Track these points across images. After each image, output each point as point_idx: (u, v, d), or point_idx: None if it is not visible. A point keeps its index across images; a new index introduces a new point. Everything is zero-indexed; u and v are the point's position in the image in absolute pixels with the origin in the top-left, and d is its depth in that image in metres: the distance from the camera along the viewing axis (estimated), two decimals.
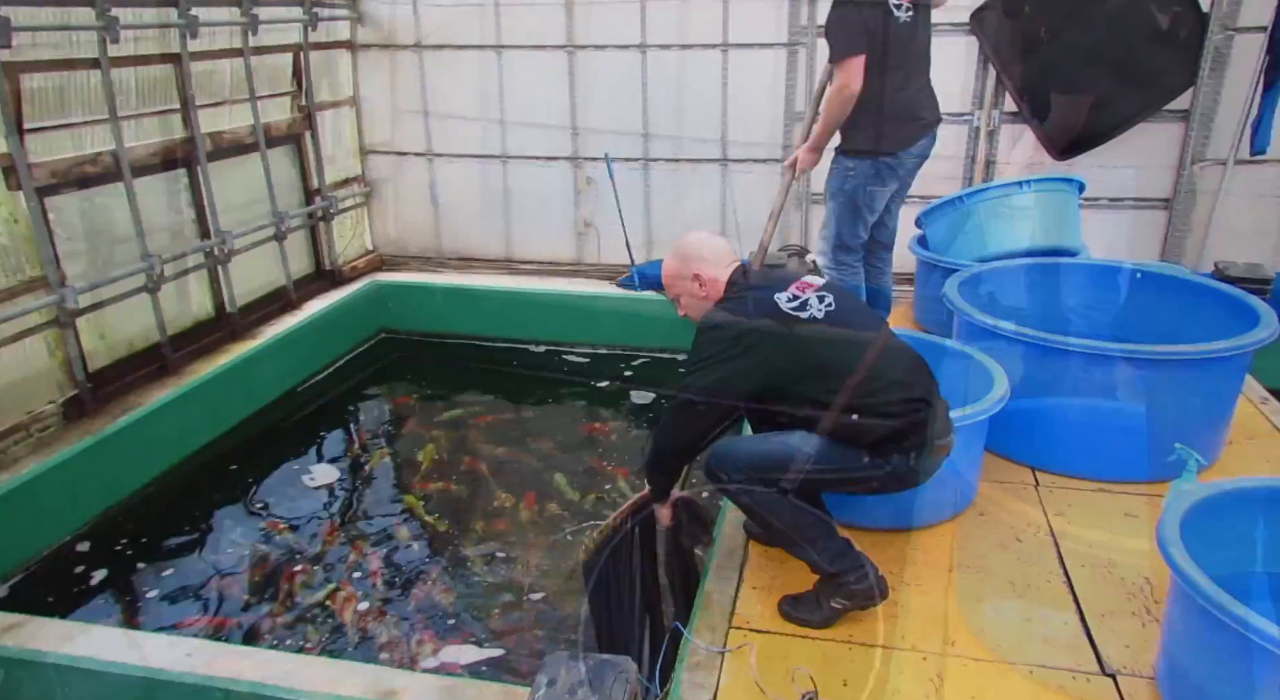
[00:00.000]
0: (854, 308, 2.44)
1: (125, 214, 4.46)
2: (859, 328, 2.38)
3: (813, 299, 2.34)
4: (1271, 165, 5.11)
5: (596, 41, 5.85)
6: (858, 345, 2.30)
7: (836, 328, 2.30)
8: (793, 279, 2.42)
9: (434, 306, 6.30)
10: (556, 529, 4.07)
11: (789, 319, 2.29)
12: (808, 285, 2.39)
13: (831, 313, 2.32)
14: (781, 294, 2.34)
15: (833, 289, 2.42)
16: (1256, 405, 3.70)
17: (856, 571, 2.38)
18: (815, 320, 2.29)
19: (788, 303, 2.32)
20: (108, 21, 4.09)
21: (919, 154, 3.81)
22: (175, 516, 4.20)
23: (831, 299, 2.35)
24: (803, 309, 2.31)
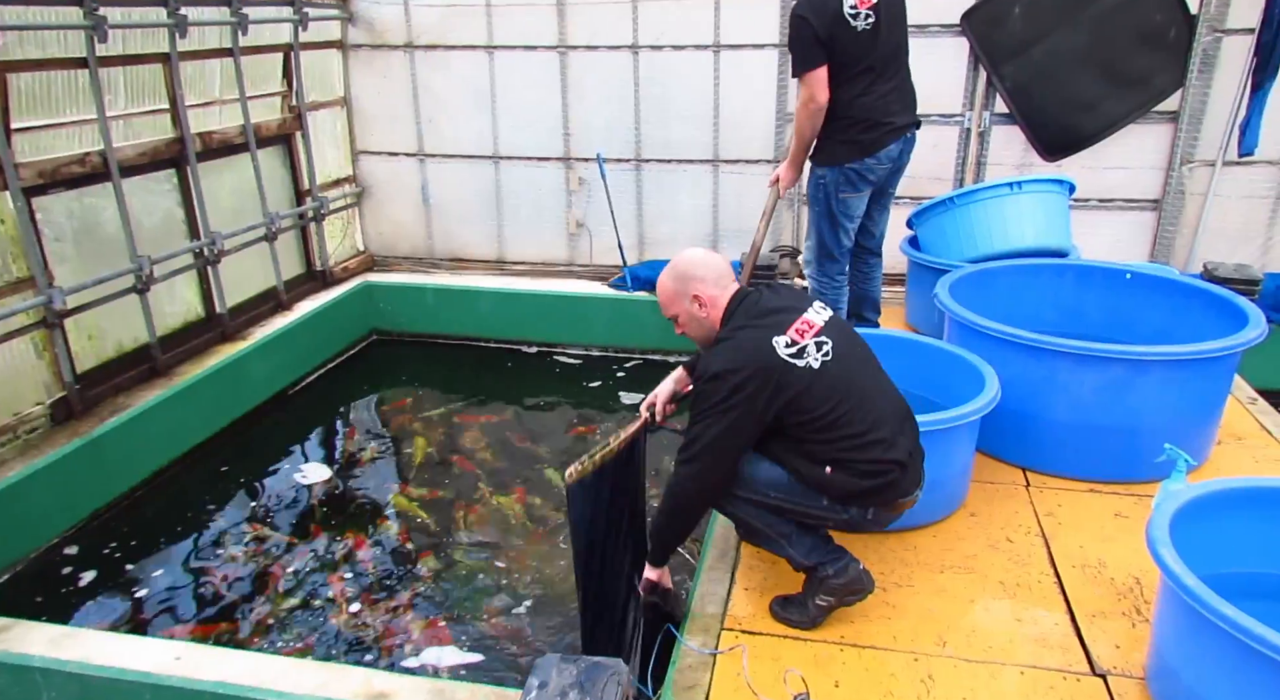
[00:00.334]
0: (851, 354, 2.36)
1: (114, 214, 4.44)
2: (855, 377, 2.32)
3: (811, 346, 2.28)
4: (1259, 166, 5.14)
5: (588, 42, 5.84)
6: (848, 400, 2.26)
7: (831, 377, 2.26)
8: (793, 317, 2.32)
9: (425, 307, 6.29)
10: (545, 526, 4.06)
11: (785, 368, 2.24)
12: (808, 328, 2.31)
13: (828, 363, 2.27)
14: (780, 338, 2.27)
15: (833, 331, 2.35)
16: (1245, 406, 3.72)
17: (835, 564, 2.39)
18: (810, 370, 2.25)
19: (785, 349, 2.26)
20: (96, 21, 4.07)
21: (889, 159, 3.74)
22: (164, 518, 4.18)
23: (830, 346, 2.29)
24: (800, 356, 2.26)
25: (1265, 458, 3.30)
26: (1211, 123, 5.12)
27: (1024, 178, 4.46)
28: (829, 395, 2.25)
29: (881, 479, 2.29)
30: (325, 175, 6.24)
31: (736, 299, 2.43)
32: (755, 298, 2.42)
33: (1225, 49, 5.00)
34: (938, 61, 5.22)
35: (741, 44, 5.60)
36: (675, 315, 2.52)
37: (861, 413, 2.27)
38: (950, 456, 2.90)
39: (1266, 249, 5.29)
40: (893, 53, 3.64)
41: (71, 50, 4.16)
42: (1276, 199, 5.21)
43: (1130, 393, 3.02)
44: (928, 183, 5.39)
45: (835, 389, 2.26)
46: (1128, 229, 5.46)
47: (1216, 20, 4.95)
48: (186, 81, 4.86)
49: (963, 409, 2.83)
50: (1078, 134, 5.26)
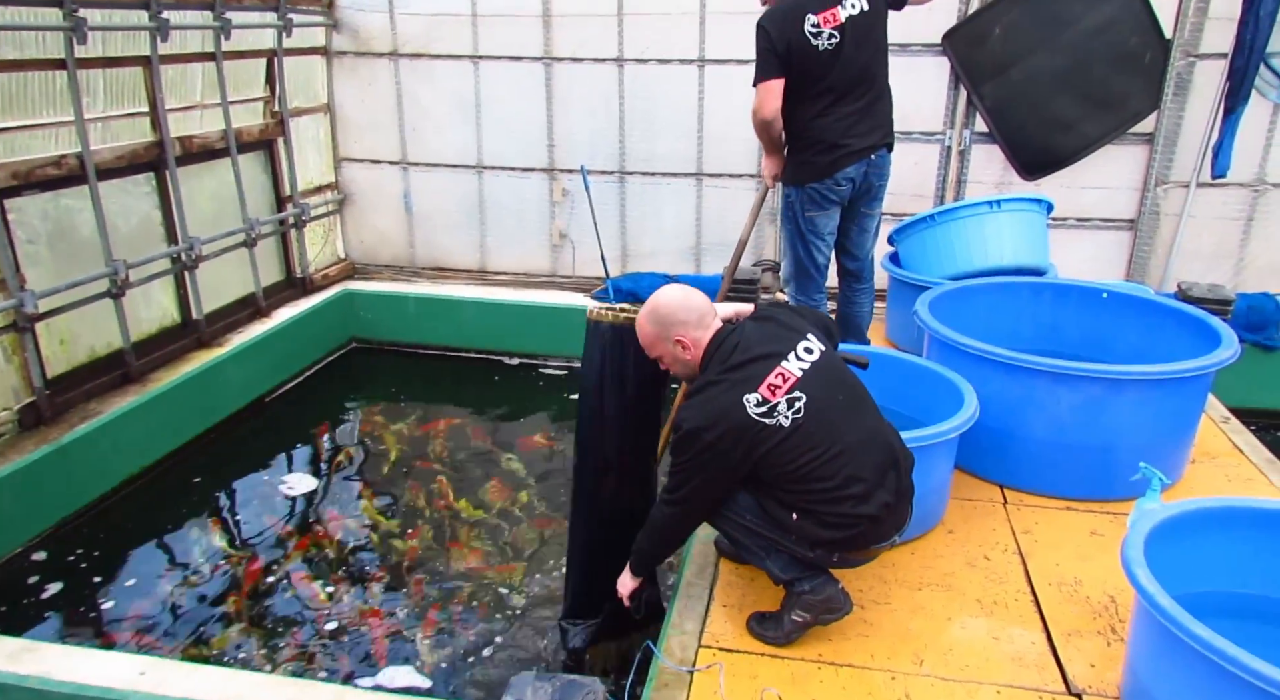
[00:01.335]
0: (830, 405, 2.29)
1: (90, 217, 4.38)
2: (831, 430, 2.26)
3: (782, 404, 2.23)
4: (1232, 188, 5.23)
5: (574, 54, 5.85)
6: (822, 455, 2.24)
7: (803, 434, 2.23)
8: (769, 369, 2.27)
9: (406, 316, 6.25)
10: (515, 544, 4.03)
11: (755, 427, 2.22)
12: (781, 383, 2.25)
13: (799, 420, 2.23)
14: (751, 395, 2.23)
15: (812, 380, 2.27)
16: (1218, 424, 3.77)
17: (812, 580, 2.39)
18: (780, 428, 2.22)
19: (755, 408, 2.22)
20: (75, 22, 4.02)
21: (848, 180, 3.69)
22: (134, 528, 4.10)
23: (803, 402, 2.24)
24: (770, 416, 2.22)
25: (1237, 477, 3.34)
26: (1185, 145, 5.21)
27: (1003, 196, 4.51)
28: (800, 452, 2.24)
29: (848, 531, 2.28)
30: (307, 182, 6.20)
31: (715, 342, 2.39)
32: (734, 342, 2.35)
33: (1199, 73, 5.09)
34: (919, 80, 5.28)
35: (726, 59, 5.63)
36: (659, 356, 2.51)
37: (835, 466, 2.24)
38: (929, 473, 2.91)
39: (1239, 270, 5.38)
40: (858, 75, 3.55)
41: (50, 51, 4.11)
42: (1248, 221, 5.30)
43: (1106, 411, 3.05)
44: (909, 199, 5.44)
45: (807, 444, 2.23)
46: (1104, 248, 5.52)
47: (1190, 45, 5.04)
48: (167, 85, 4.81)
49: (941, 426, 2.85)
50: (1055, 154, 5.33)
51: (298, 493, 4.46)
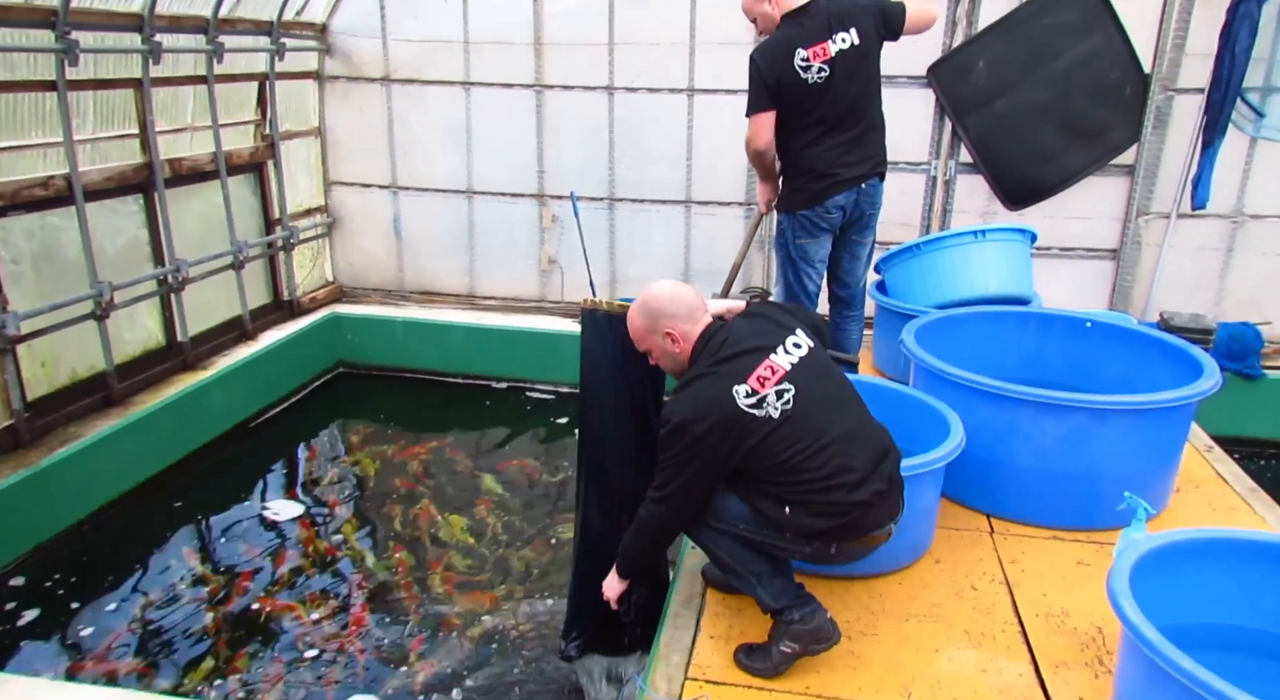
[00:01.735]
0: (819, 396, 2.31)
1: (76, 238, 4.36)
2: (820, 421, 2.28)
3: (771, 395, 2.25)
4: (1211, 220, 5.32)
5: (564, 82, 5.91)
6: (811, 445, 2.24)
7: (792, 425, 2.24)
8: (758, 361, 2.29)
9: (394, 340, 6.23)
10: (499, 570, 4.00)
11: (744, 418, 2.23)
12: (770, 374, 2.27)
13: (788, 411, 2.25)
14: (740, 387, 2.25)
15: (801, 373, 2.30)
16: (1202, 453, 3.79)
17: (801, 609, 2.37)
18: (770, 419, 2.24)
19: (744, 399, 2.24)
20: (67, 44, 4.02)
21: (838, 208, 3.73)
22: (114, 553, 4.05)
23: (792, 393, 2.26)
24: (759, 407, 2.24)
25: (1221, 506, 3.36)
26: (1165, 177, 5.29)
27: (988, 226, 4.56)
28: (790, 442, 2.24)
29: (840, 519, 2.28)
30: (296, 205, 6.20)
31: (705, 336, 2.41)
32: (723, 336, 2.38)
33: (1177, 107, 5.19)
34: (905, 112, 5.35)
35: (715, 88, 5.69)
36: (648, 350, 2.52)
37: (825, 456, 2.25)
38: (916, 502, 2.90)
39: (1219, 299, 5.45)
40: (848, 107, 3.60)
41: (41, 73, 4.11)
42: (1228, 251, 5.38)
43: (1091, 441, 3.07)
44: (895, 228, 5.49)
45: (796, 435, 2.25)
46: (1087, 277, 5.59)
47: (1169, 79, 5.15)
48: (158, 107, 4.82)
49: (928, 456, 2.85)
50: (1039, 185, 5.41)
51: (282, 518, 4.41)
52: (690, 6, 5.56)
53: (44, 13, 3.94)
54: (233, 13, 5.18)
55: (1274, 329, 5.32)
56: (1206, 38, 4.93)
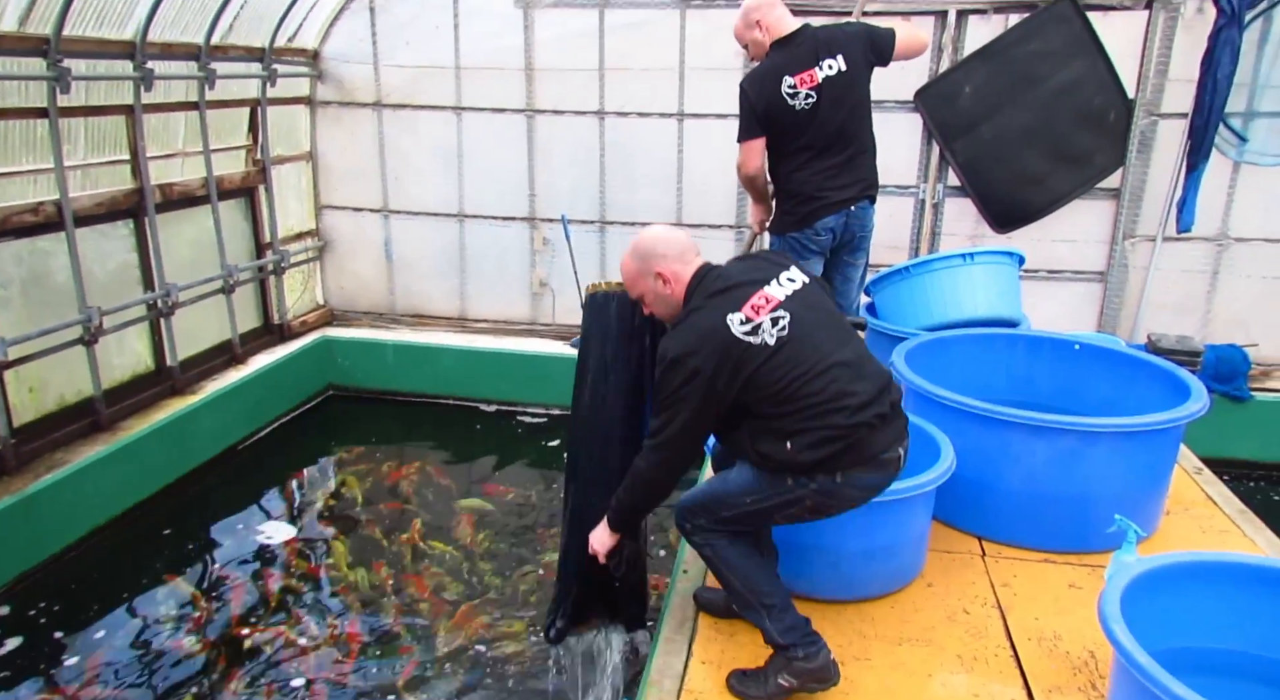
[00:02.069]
0: (815, 324, 2.30)
1: (65, 264, 4.35)
2: (816, 348, 2.25)
3: (766, 322, 2.24)
4: (1197, 242, 5.37)
5: (555, 106, 5.95)
6: (807, 372, 2.21)
7: (789, 351, 2.22)
8: (751, 292, 2.29)
9: (384, 363, 6.22)
10: (492, 593, 3.97)
11: (740, 346, 2.21)
12: (765, 303, 2.27)
13: (783, 338, 2.23)
14: (735, 315, 2.24)
15: (795, 302, 2.30)
16: (1191, 476, 3.80)
17: (808, 648, 2.35)
18: (765, 346, 2.22)
19: (739, 326, 2.23)
20: (59, 72, 4.04)
21: (828, 230, 3.79)
22: (100, 580, 4.00)
23: (787, 321, 2.25)
24: (754, 334, 2.22)
25: (1211, 529, 3.36)
26: (1151, 200, 5.35)
27: (976, 249, 4.59)
28: (787, 369, 2.21)
29: (842, 443, 2.22)
30: (287, 229, 6.21)
31: (698, 276, 2.39)
32: (716, 273, 2.38)
33: (1161, 132, 5.26)
34: (893, 136, 5.39)
35: (704, 113, 5.74)
36: (640, 295, 2.49)
37: (823, 381, 2.22)
38: (907, 526, 2.91)
39: (1206, 321, 5.49)
40: (836, 131, 3.65)
41: (32, 100, 4.12)
42: (1213, 274, 5.43)
43: (1081, 463, 3.07)
44: (884, 251, 5.52)
45: (793, 361, 2.22)
46: (1075, 299, 5.63)
47: (1152, 105, 5.22)
48: (150, 133, 4.83)
49: (919, 478, 2.85)
50: (1026, 208, 5.46)
51: (274, 541, 4.37)
52: (680, 33, 5.62)
53: (36, 41, 3.96)
54: (225, 39, 5.21)
55: (1261, 351, 5.36)
56: (1189, 64, 5.01)
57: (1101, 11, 5.08)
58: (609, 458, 2.90)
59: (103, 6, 4.27)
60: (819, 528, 2.80)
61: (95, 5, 4.23)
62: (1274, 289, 5.37)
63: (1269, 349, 5.41)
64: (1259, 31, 4.96)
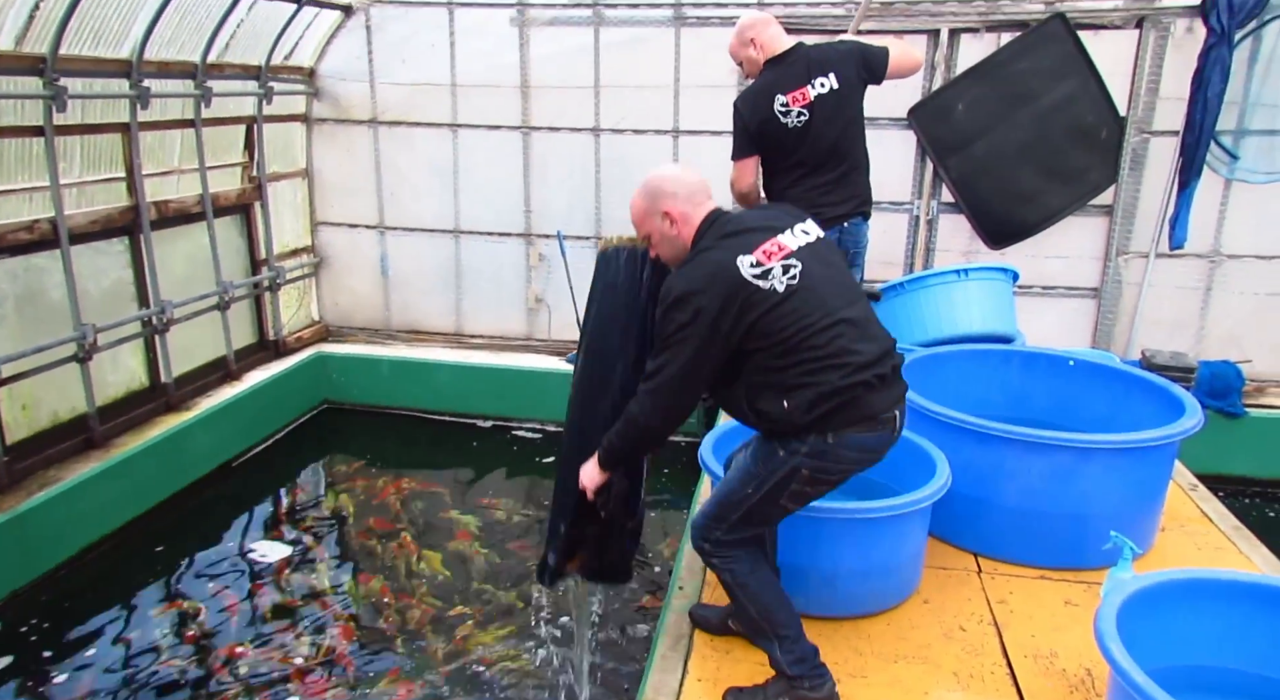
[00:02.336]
0: (825, 278, 2.24)
1: (60, 281, 4.34)
2: (822, 302, 2.20)
3: (777, 268, 2.18)
4: (1189, 259, 5.40)
5: (551, 123, 5.98)
6: (812, 325, 2.17)
7: (797, 301, 2.17)
8: (764, 238, 2.24)
9: (379, 379, 6.21)
10: (488, 612, 3.95)
11: (749, 289, 2.15)
12: (777, 250, 2.22)
13: (793, 286, 2.18)
14: (746, 257, 2.18)
15: (807, 254, 2.25)
16: (1186, 492, 3.80)
17: (814, 680, 2.34)
18: (774, 293, 2.16)
19: (750, 269, 2.17)
20: (55, 91, 4.05)
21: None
22: (91, 600, 3.97)
23: (798, 270, 2.20)
24: (764, 278, 2.17)
25: (1206, 545, 3.36)
26: (1143, 217, 5.38)
27: (970, 265, 4.61)
28: (793, 319, 2.16)
29: (834, 401, 2.18)
30: (283, 245, 6.21)
31: (710, 218, 2.34)
32: (729, 217, 2.34)
33: (1153, 149, 5.29)
34: (887, 152, 5.42)
35: (699, 130, 5.77)
36: (647, 234, 2.43)
37: (827, 335, 2.17)
38: (903, 542, 2.91)
39: (1200, 338, 5.51)
40: (829, 149, 3.66)
41: (28, 118, 4.13)
42: (1207, 290, 5.45)
43: (1076, 480, 3.07)
44: (879, 267, 5.54)
45: (799, 312, 2.17)
46: (1070, 315, 5.65)
47: (1144, 122, 5.26)
48: (145, 150, 4.84)
49: (915, 494, 2.85)
50: (1019, 224, 5.49)
51: (269, 559, 4.35)
52: (674, 50, 5.66)
53: (32, 60, 3.97)
54: (221, 58, 5.24)
55: (1255, 367, 5.38)
56: (1179, 82, 5.05)
57: (1092, 30, 5.13)
58: (606, 397, 2.78)
59: (99, 26, 4.29)
60: (816, 543, 2.80)
61: (92, 24, 4.25)
62: (1267, 305, 5.39)
63: (1262, 365, 5.43)
64: (1249, 50, 5.00)
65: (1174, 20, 5.07)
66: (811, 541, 2.80)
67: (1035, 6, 5.20)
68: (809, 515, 2.61)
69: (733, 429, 3.34)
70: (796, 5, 5.43)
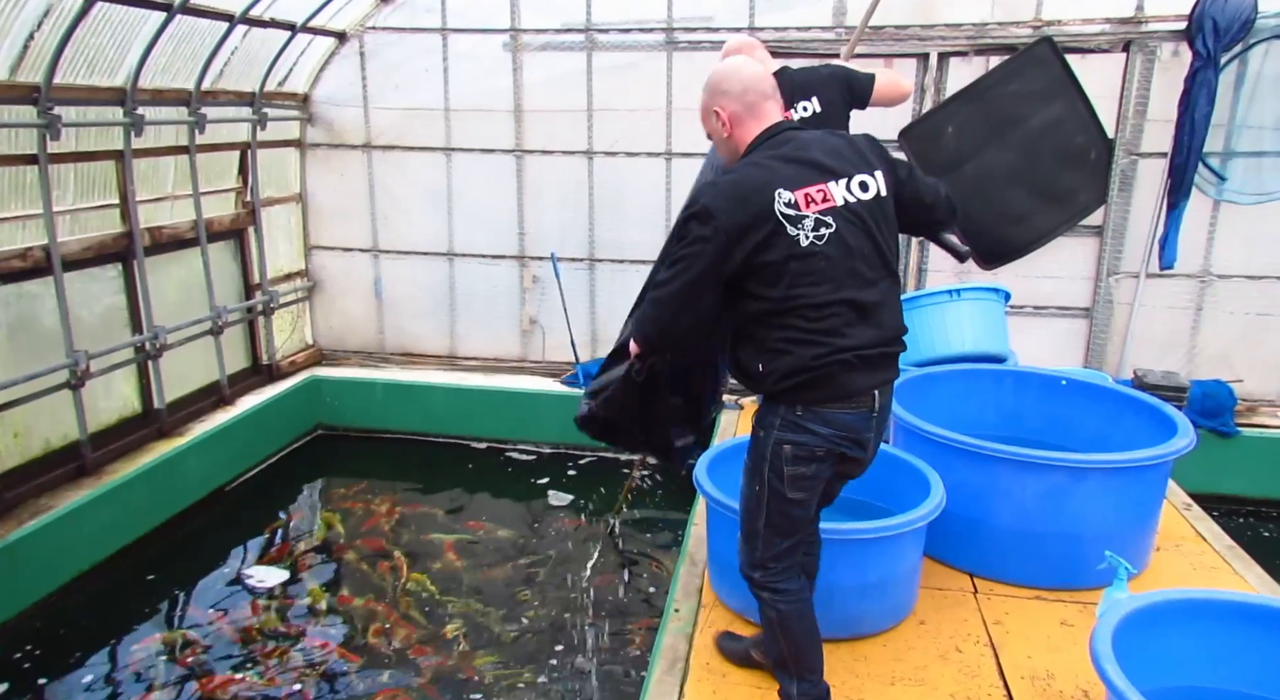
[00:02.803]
0: (850, 250, 2.08)
1: (53, 308, 4.34)
2: (834, 276, 2.07)
3: (810, 220, 2.04)
4: (1179, 279, 5.43)
5: (544, 147, 6.02)
6: (814, 295, 2.06)
7: (810, 263, 2.04)
8: (813, 179, 2.07)
9: (374, 402, 6.19)
10: (489, 638, 3.92)
11: (772, 222, 2.02)
12: (821, 199, 2.06)
13: (816, 247, 2.04)
14: (785, 191, 2.04)
15: (845, 215, 2.08)
16: (1180, 511, 3.81)
17: None
18: (795, 244, 2.03)
19: (783, 205, 2.03)
20: (49, 120, 4.06)
21: None
22: (84, 628, 3.93)
23: (830, 232, 2.05)
24: (794, 223, 2.03)
25: (1201, 565, 3.36)
26: (1133, 237, 5.42)
27: (963, 285, 4.63)
28: (798, 280, 2.05)
29: (802, 376, 2.10)
30: (277, 269, 6.22)
31: (769, 131, 2.17)
32: (791, 137, 2.14)
33: (1141, 171, 5.34)
34: None
35: (692, 153, 5.80)
36: (708, 133, 2.30)
37: (819, 313, 2.07)
38: (899, 562, 2.91)
39: (1191, 357, 5.53)
40: None
41: (22, 147, 4.14)
42: (1197, 310, 5.48)
43: (1070, 499, 3.08)
44: None
45: (805, 281, 2.05)
46: (1062, 335, 5.67)
47: (1132, 144, 5.31)
48: (139, 177, 4.85)
49: (910, 515, 2.85)
50: (1011, 245, 5.51)
51: (263, 585, 4.31)
52: (666, 74, 5.72)
53: (26, 89, 3.99)
54: (215, 84, 5.27)
55: (1246, 387, 5.40)
56: (1167, 105, 5.11)
57: (1080, 54, 5.19)
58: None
59: (94, 54, 4.32)
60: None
61: (86, 53, 4.27)
62: (1257, 325, 5.42)
63: (1253, 385, 5.45)
64: (1234, 73, 5.06)
65: (1160, 44, 5.14)
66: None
67: (1023, 31, 5.27)
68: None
69: (729, 449, 3.35)
70: (787, 30, 5.50)
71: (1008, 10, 5.30)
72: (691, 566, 3.40)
